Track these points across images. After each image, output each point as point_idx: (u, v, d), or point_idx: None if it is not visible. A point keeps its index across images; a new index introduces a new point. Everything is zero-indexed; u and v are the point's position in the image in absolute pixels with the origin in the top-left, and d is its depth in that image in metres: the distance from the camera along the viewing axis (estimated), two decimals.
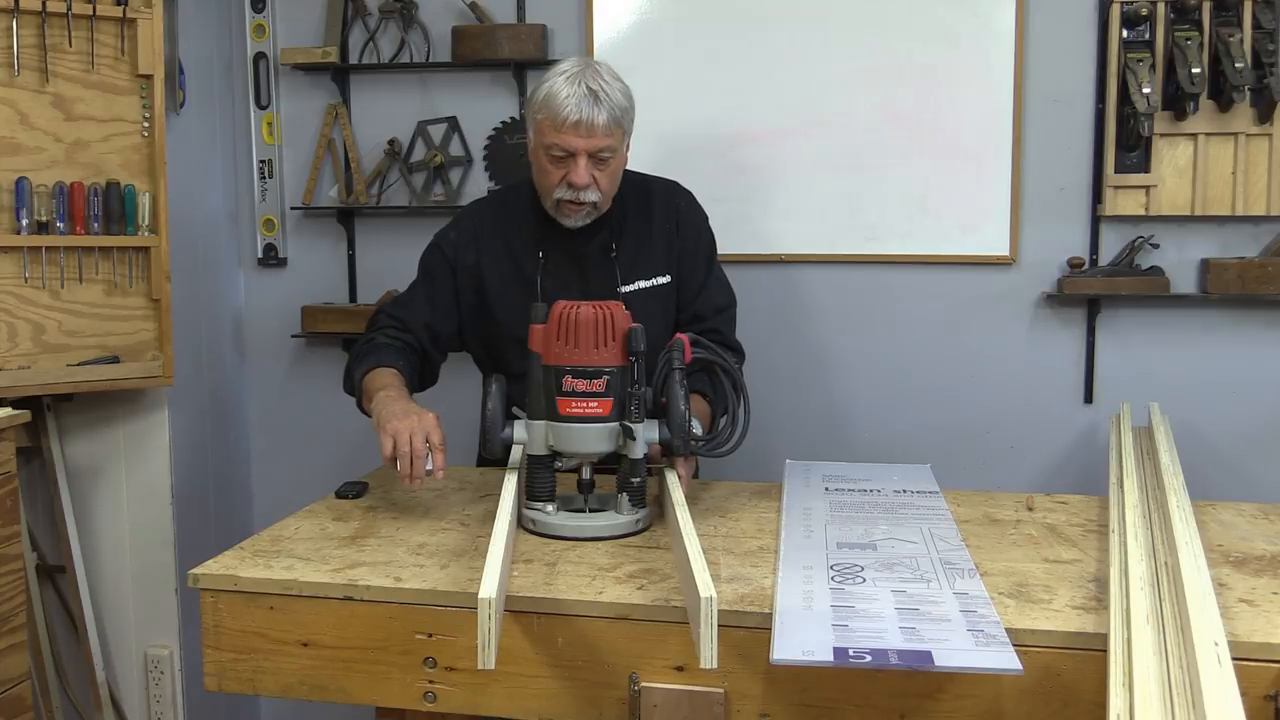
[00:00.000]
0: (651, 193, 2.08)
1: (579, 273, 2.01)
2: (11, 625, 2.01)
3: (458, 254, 2.02)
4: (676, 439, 1.63)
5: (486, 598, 1.22)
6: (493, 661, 1.23)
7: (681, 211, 2.08)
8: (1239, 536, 1.66)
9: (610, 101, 1.85)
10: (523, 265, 2.00)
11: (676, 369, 1.64)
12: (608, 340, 1.62)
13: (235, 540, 1.69)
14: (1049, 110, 2.54)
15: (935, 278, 2.63)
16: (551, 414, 1.64)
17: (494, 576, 1.28)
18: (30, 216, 2.22)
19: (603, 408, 1.62)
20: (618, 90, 1.88)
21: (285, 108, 2.88)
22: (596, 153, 1.87)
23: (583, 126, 1.83)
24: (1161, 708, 1.05)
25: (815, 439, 2.71)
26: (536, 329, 1.66)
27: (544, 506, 1.67)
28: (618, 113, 1.87)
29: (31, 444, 2.42)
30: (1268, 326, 2.50)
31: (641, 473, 1.67)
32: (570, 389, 1.62)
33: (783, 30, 2.61)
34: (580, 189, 1.88)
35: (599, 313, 1.62)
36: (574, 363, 1.62)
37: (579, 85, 1.84)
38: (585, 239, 2.00)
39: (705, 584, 1.22)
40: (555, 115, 1.84)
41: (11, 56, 2.20)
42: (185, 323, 2.62)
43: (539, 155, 1.91)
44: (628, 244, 2.02)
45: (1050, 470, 2.62)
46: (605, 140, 1.86)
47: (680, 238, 2.06)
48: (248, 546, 1.63)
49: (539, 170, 1.93)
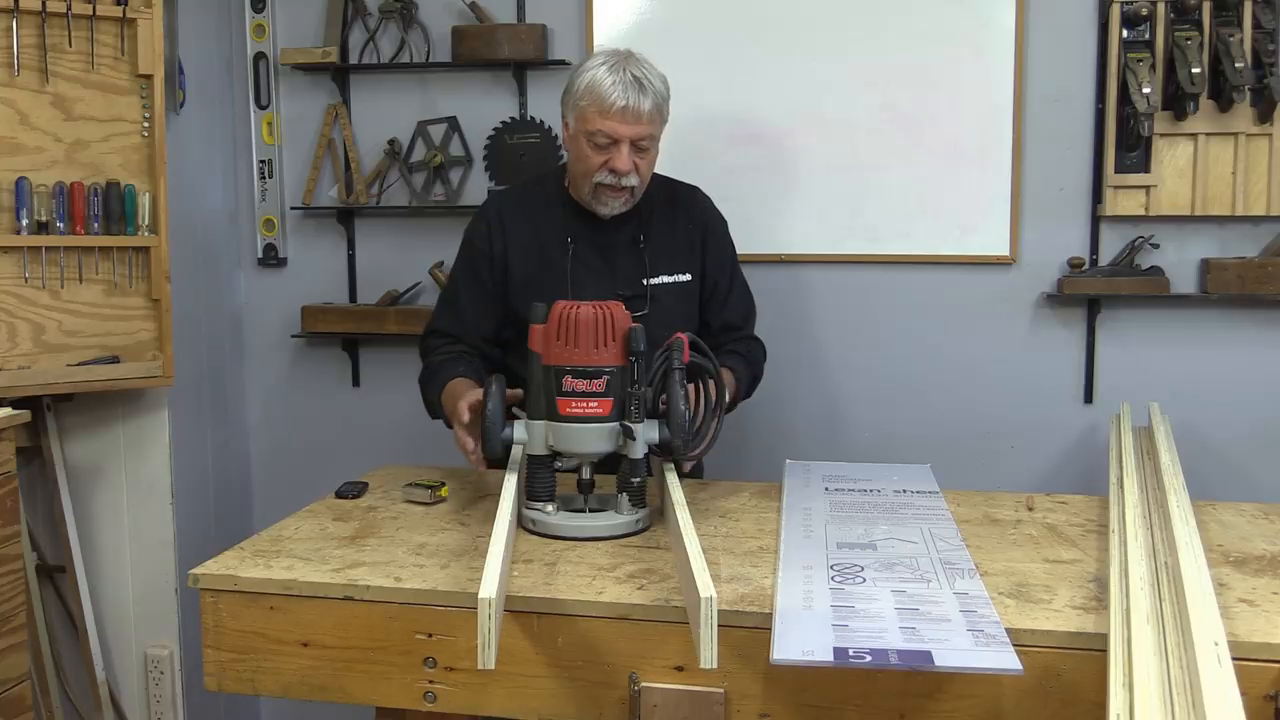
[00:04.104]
0: (677, 193, 2.13)
1: (607, 262, 2.03)
2: (11, 625, 2.01)
3: (491, 246, 2.04)
4: (677, 439, 1.64)
5: (487, 597, 1.23)
6: (493, 661, 1.23)
7: (709, 215, 2.14)
8: (1239, 536, 1.66)
9: (654, 89, 1.90)
10: (551, 254, 2.02)
11: (676, 369, 1.64)
12: (607, 340, 1.62)
13: (235, 540, 1.69)
14: (1049, 110, 2.54)
15: (935, 278, 2.63)
16: (551, 414, 1.65)
17: (494, 576, 1.28)
18: (30, 216, 2.22)
19: (602, 408, 1.62)
20: (659, 79, 1.93)
21: (285, 108, 2.87)
22: (638, 140, 1.91)
23: (629, 113, 1.87)
24: (1161, 708, 1.05)
25: (815, 439, 2.71)
26: (536, 329, 1.66)
27: (544, 506, 1.67)
28: (660, 100, 1.92)
29: (31, 444, 2.42)
30: (1268, 326, 2.50)
31: (642, 473, 1.67)
32: (570, 389, 1.62)
33: (783, 30, 2.61)
34: (622, 174, 1.91)
35: (599, 312, 1.62)
36: (574, 362, 1.62)
37: (623, 73, 1.88)
38: (614, 229, 2.02)
39: (705, 584, 1.22)
40: (601, 101, 1.87)
41: (11, 56, 2.20)
42: (185, 323, 2.62)
43: (579, 142, 1.93)
44: (654, 238, 2.05)
45: (1050, 470, 2.62)
46: (648, 128, 1.91)
47: (706, 241, 2.10)
48: (248, 546, 1.63)
49: (579, 156, 1.95)
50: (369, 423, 2.89)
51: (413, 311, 2.75)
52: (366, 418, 2.90)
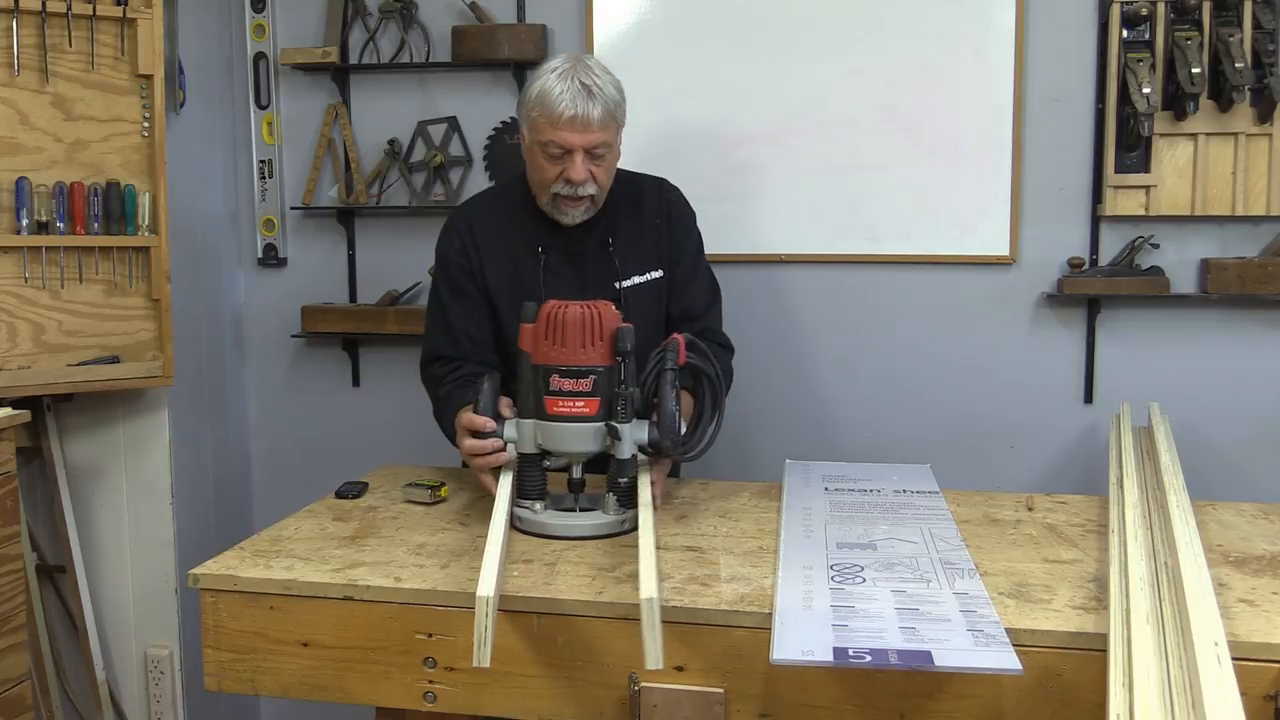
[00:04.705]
0: (641, 189, 2.08)
1: (578, 269, 2.01)
2: (11, 625, 2.01)
3: (468, 259, 2.00)
4: (666, 440, 1.63)
5: (484, 596, 1.23)
6: (488, 659, 1.24)
7: (672, 206, 2.09)
8: (1239, 536, 1.66)
9: (604, 96, 1.85)
10: (522, 264, 2.00)
11: (669, 369, 1.64)
12: (595, 340, 1.62)
13: (235, 540, 1.69)
14: (1049, 110, 2.54)
15: (935, 278, 2.63)
16: (540, 413, 1.65)
17: (491, 575, 1.28)
18: (30, 216, 2.22)
19: (589, 407, 1.62)
20: (610, 84, 1.88)
21: (285, 108, 2.87)
22: (591, 148, 1.87)
23: (578, 122, 1.83)
24: (1161, 708, 1.05)
25: (815, 439, 2.71)
26: (526, 328, 1.66)
27: (533, 505, 1.68)
28: (611, 106, 1.87)
29: (31, 444, 2.42)
30: (1268, 326, 2.50)
31: (630, 473, 1.66)
32: (557, 388, 1.62)
33: (783, 30, 2.60)
34: (578, 184, 1.88)
35: (586, 312, 1.62)
36: (561, 362, 1.62)
37: (572, 81, 1.84)
38: (582, 235, 2.00)
39: (648, 586, 1.24)
40: (550, 112, 1.84)
41: (11, 56, 2.20)
42: (185, 323, 2.62)
43: (534, 153, 1.91)
44: (622, 239, 2.03)
45: (1050, 470, 2.62)
46: (600, 135, 1.86)
47: (671, 232, 2.06)
48: (248, 546, 1.63)
49: (535, 167, 1.93)
50: (369, 423, 2.89)
51: (413, 311, 2.75)
52: (366, 418, 2.90)
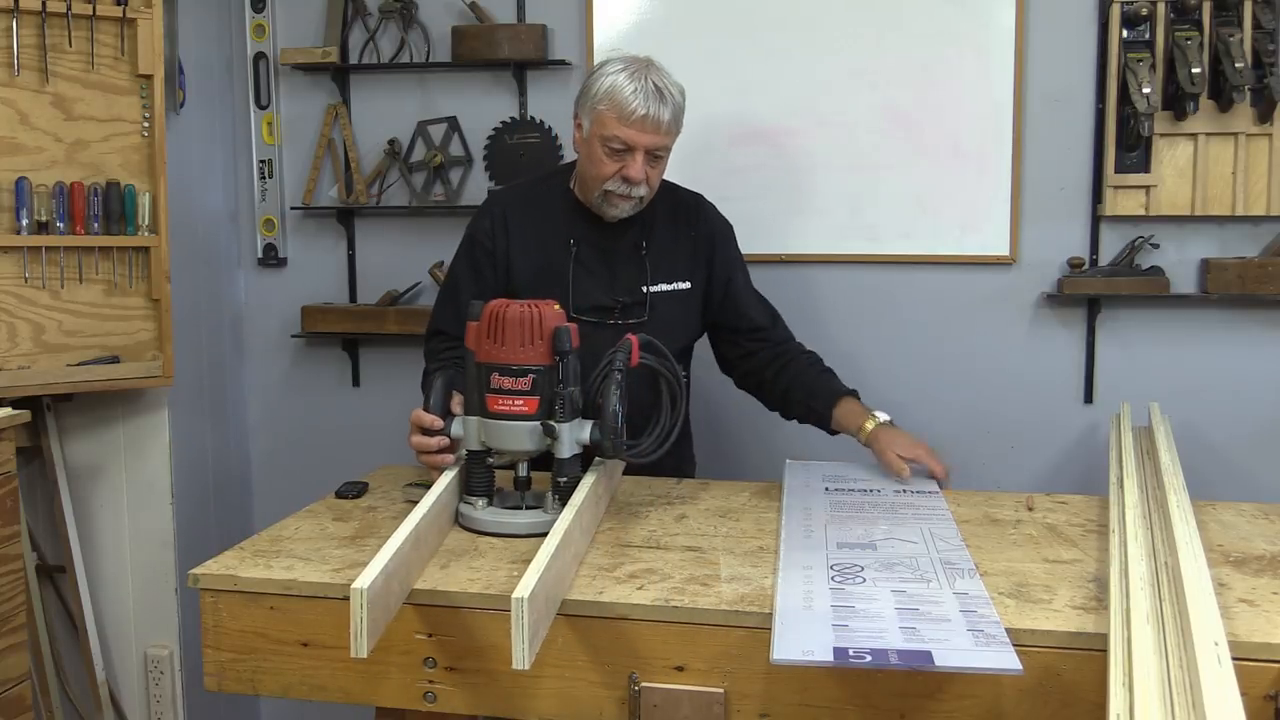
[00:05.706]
0: (679, 200, 2.12)
1: (609, 265, 2.02)
2: (11, 625, 2.01)
3: (495, 243, 2.02)
4: (606, 440, 1.63)
5: (359, 588, 1.26)
6: (365, 650, 1.26)
7: (714, 223, 2.13)
8: (1239, 536, 1.66)
9: (673, 100, 1.89)
10: (553, 256, 2.01)
11: (617, 370, 1.63)
12: (534, 339, 1.62)
13: (235, 540, 1.69)
14: (1049, 110, 2.54)
15: (935, 278, 2.63)
16: (483, 410, 1.65)
17: (377, 568, 1.31)
18: (30, 216, 2.22)
19: (528, 406, 1.63)
20: (678, 90, 1.92)
21: (285, 108, 2.87)
22: (654, 149, 1.90)
23: (649, 122, 1.86)
24: (1161, 708, 1.05)
25: (815, 438, 2.69)
26: (471, 326, 1.66)
27: (475, 501, 1.69)
28: (678, 112, 1.91)
29: (31, 444, 2.42)
30: (1268, 326, 2.50)
31: (570, 472, 1.66)
32: (498, 386, 1.63)
33: (783, 30, 2.61)
34: (635, 183, 1.91)
35: (527, 311, 1.62)
36: (501, 360, 1.62)
37: (645, 81, 1.86)
38: (617, 234, 2.02)
39: (524, 585, 1.25)
40: (622, 109, 1.86)
41: (11, 56, 2.20)
42: (185, 323, 2.62)
43: (594, 146, 1.92)
44: (656, 245, 2.05)
45: (1050, 470, 2.62)
46: (665, 139, 1.90)
47: (714, 249, 2.10)
48: (248, 546, 1.63)
49: (591, 160, 1.94)
50: (369, 423, 2.89)
51: (413, 311, 2.75)
52: (366, 418, 2.90)
